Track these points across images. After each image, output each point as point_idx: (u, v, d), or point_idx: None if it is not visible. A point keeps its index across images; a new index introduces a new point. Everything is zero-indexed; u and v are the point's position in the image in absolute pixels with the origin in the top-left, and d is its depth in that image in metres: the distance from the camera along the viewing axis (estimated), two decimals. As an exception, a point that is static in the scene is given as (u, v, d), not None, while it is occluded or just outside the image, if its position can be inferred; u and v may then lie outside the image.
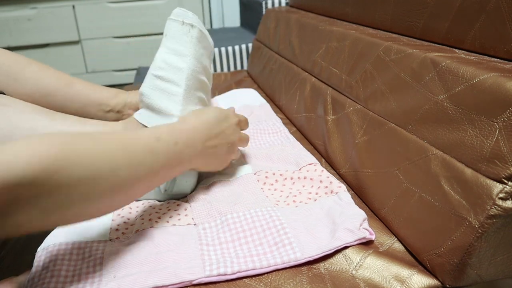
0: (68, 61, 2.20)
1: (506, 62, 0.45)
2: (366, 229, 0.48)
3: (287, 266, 0.45)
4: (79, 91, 0.68)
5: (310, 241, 0.48)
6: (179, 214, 0.55)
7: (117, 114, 0.71)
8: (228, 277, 0.44)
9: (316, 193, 0.58)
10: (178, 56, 0.60)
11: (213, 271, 0.44)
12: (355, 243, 0.47)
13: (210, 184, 0.62)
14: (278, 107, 0.97)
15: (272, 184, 0.62)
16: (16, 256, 1.03)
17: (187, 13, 0.62)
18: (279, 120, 0.85)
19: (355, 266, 0.45)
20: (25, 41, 2.10)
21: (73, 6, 2.09)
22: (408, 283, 0.43)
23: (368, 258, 0.46)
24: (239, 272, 0.44)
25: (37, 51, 2.15)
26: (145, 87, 0.60)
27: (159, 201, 0.59)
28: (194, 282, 0.44)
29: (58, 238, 0.50)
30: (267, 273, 0.45)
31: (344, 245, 0.47)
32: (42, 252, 0.48)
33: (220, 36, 1.67)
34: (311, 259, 0.46)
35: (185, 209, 0.56)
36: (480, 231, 0.38)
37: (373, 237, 0.48)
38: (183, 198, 0.60)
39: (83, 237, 0.51)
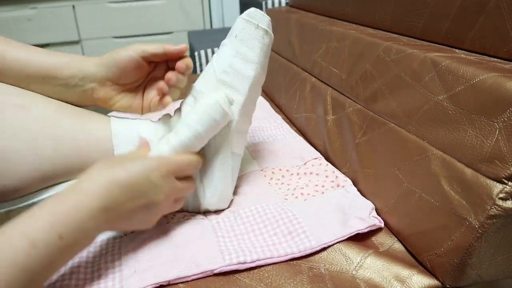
0: (68, 61, 2.20)
1: (506, 62, 0.45)
2: (375, 217, 0.50)
3: (304, 254, 0.47)
4: (15, 58, 0.50)
5: (323, 229, 0.49)
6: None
7: (76, 90, 0.52)
8: (248, 265, 0.45)
9: (323, 186, 0.59)
10: (246, 62, 0.55)
11: (232, 260, 0.45)
12: (366, 230, 0.49)
13: None
14: (278, 107, 0.97)
15: (278, 179, 0.63)
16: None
17: (264, 17, 0.55)
18: (279, 117, 0.86)
19: (355, 266, 0.45)
20: (25, 41, 2.09)
21: (73, 6, 2.08)
22: (408, 283, 0.43)
23: (368, 258, 0.46)
24: (258, 260, 0.45)
25: (37, 51, 2.15)
26: (205, 87, 0.54)
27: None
28: (216, 271, 0.44)
29: None
30: (281, 262, 0.46)
31: (356, 232, 0.48)
32: None
33: (220, 36, 1.67)
34: (325, 245, 0.47)
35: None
36: (480, 231, 0.38)
37: (382, 225, 0.50)
38: None
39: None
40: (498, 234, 0.38)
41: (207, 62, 1.46)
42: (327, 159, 0.69)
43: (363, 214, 0.50)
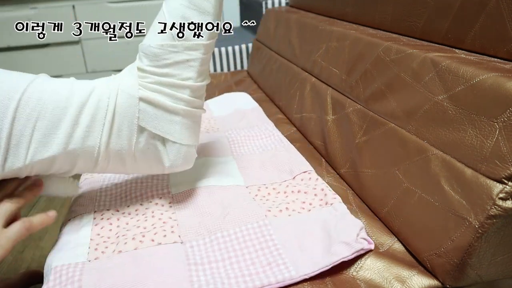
0: (68, 61, 2.20)
1: (506, 62, 0.45)
2: (364, 239, 0.47)
3: (282, 285, 0.43)
4: None
5: (305, 258, 0.46)
6: (164, 231, 0.51)
7: None
8: None
9: (310, 204, 0.56)
10: (201, 14, 0.50)
11: None
12: (352, 256, 0.45)
13: (198, 190, 0.59)
14: (278, 107, 0.97)
15: (264, 196, 0.59)
16: (16, 256, 1.03)
17: None
18: (271, 124, 0.84)
19: (356, 267, 0.45)
20: (25, 41, 2.10)
21: (73, 6, 2.09)
22: (408, 283, 0.43)
23: (369, 259, 0.46)
24: None
25: (37, 51, 2.15)
26: (157, 47, 0.51)
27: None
28: None
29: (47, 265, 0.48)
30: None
31: (341, 261, 0.44)
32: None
33: (220, 36, 1.67)
34: (307, 276, 0.43)
35: (171, 226, 0.52)
36: (480, 231, 0.38)
37: (372, 247, 0.47)
38: (169, 210, 0.56)
39: (58, 260, 0.47)
40: (498, 234, 0.38)
41: (207, 62, 1.46)
42: (327, 159, 0.69)
43: (349, 238, 0.46)
